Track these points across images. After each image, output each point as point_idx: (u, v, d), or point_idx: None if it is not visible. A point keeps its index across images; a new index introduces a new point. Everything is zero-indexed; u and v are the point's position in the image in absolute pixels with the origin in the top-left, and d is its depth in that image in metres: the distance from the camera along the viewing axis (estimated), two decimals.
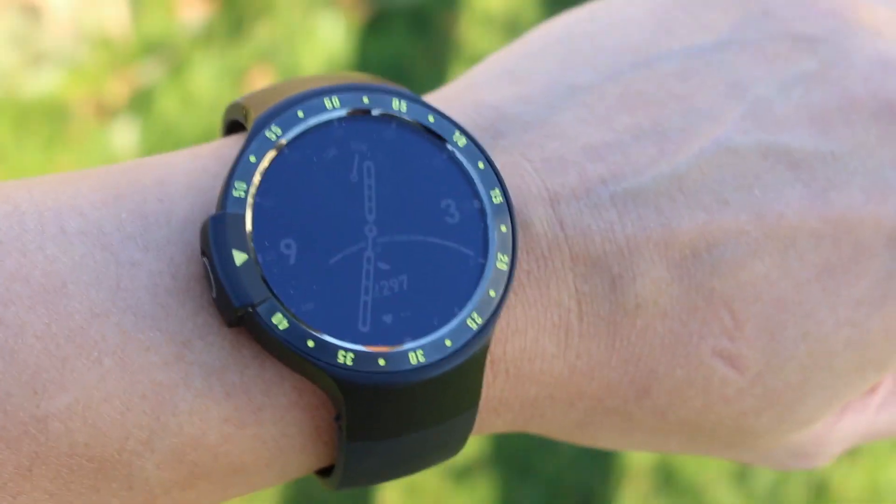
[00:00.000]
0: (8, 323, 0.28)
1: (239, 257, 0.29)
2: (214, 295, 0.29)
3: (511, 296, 0.31)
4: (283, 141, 0.30)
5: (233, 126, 0.34)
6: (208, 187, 0.31)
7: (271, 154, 0.30)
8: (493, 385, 0.32)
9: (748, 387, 0.33)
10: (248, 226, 0.29)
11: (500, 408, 0.33)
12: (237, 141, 0.32)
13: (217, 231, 0.29)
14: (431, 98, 0.35)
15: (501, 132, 0.33)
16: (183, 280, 0.29)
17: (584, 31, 0.35)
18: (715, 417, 0.34)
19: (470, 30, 1.58)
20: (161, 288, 0.29)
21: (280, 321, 0.29)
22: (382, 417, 0.30)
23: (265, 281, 0.29)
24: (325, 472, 0.33)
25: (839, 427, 0.37)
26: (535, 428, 0.35)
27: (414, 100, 0.32)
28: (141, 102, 1.51)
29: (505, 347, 0.32)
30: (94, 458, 0.28)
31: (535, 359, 0.32)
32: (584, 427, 0.35)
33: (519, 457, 1.31)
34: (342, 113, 0.31)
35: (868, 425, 0.38)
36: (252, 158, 0.30)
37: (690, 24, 0.35)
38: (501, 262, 0.31)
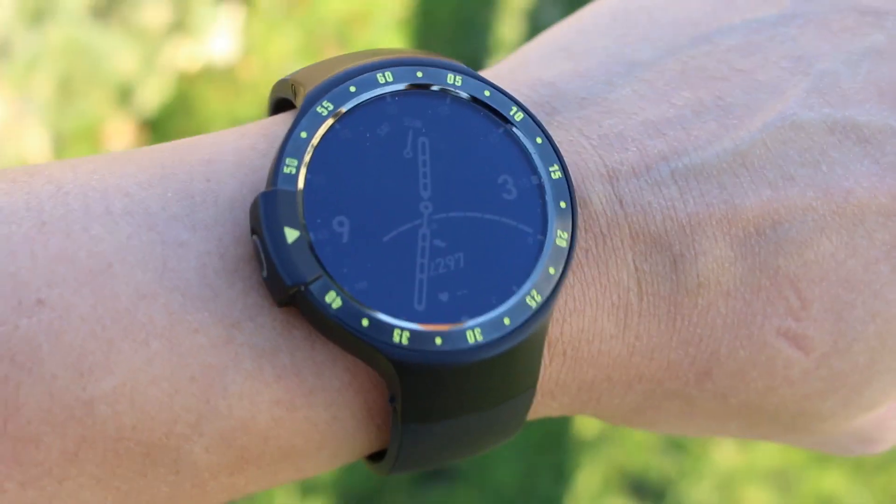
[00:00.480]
0: (53, 304, 0.27)
1: (291, 234, 0.28)
2: (265, 274, 0.28)
3: (569, 275, 0.30)
4: (335, 116, 0.30)
5: (279, 105, 0.33)
6: (257, 166, 0.30)
7: (323, 129, 0.29)
8: (550, 367, 0.31)
9: (814, 368, 0.32)
10: (300, 202, 0.28)
11: (556, 390, 0.32)
12: (286, 119, 0.31)
13: (268, 208, 0.28)
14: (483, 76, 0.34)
15: (557, 109, 0.32)
16: (231, 260, 0.28)
17: (641, 6, 0.35)
18: (778, 400, 0.33)
19: None
20: (209, 268, 0.28)
21: (333, 300, 0.28)
22: (439, 398, 0.29)
23: (318, 259, 0.28)
24: (376, 458, 0.31)
25: None
26: (592, 412, 0.34)
27: (469, 74, 0.31)
28: None
29: (562, 328, 0.31)
30: (142, 441, 0.28)
31: (594, 339, 0.31)
32: (642, 412, 0.34)
33: None
34: (395, 88, 0.30)
35: None
36: (303, 134, 0.29)
37: None
38: (561, 239, 0.30)
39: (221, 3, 1.55)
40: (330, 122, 0.30)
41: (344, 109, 0.30)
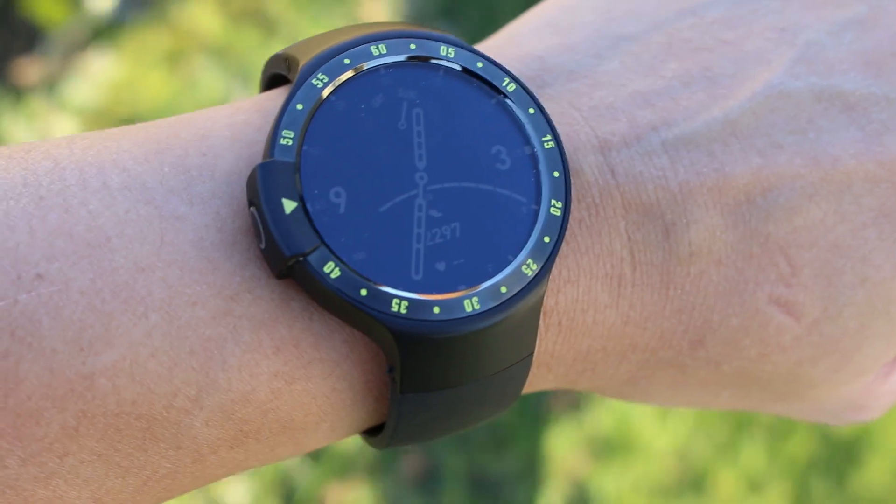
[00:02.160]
0: (52, 279, 0.27)
1: (288, 205, 0.28)
2: (263, 245, 0.28)
3: (563, 244, 0.31)
4: (330, 88, 0.30)
5: (271, 82, 0.33)
6: (252, 140, 0.30)
7: (319, 101, 0.30)
8: (545, 337, 0.31)
9: (805, 334, 0.33)
10: (297, 173, 0.29)
11: (551, 361, 0.32)
12: (280, 94, 0.31)
13: (266, 179, 0.28)
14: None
15: (547, 82, 0.33)
16: (229, 233, 0.29)
17: None
18: (770, 367, 0.34)
19: None
20: (207, 241, 0.28)
21: (332, 270, 0.28)
22: (437, 367, 0.29)
23: (315, 229, 0.28)
24: (374, 432, 0.32)
25: (892, 379, 0.37)
26: (586, 383, 0.34)
27: (462, 46, 0.31)
28: None
29: (557, 298, 0.31)
30: (142, 416, 0.28)
31: (588, 309, 0.31)
32: (636, 382, 0.34)
33: None
34: (389, 60, 0.31)
35: None
36: (299, 106, 0.29)
37: None
38: (555, 208, 0.30)
39: None
40: (326, 93, 0.30)
41: (339, 82, 0.30)
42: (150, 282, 0.27)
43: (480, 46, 0.35)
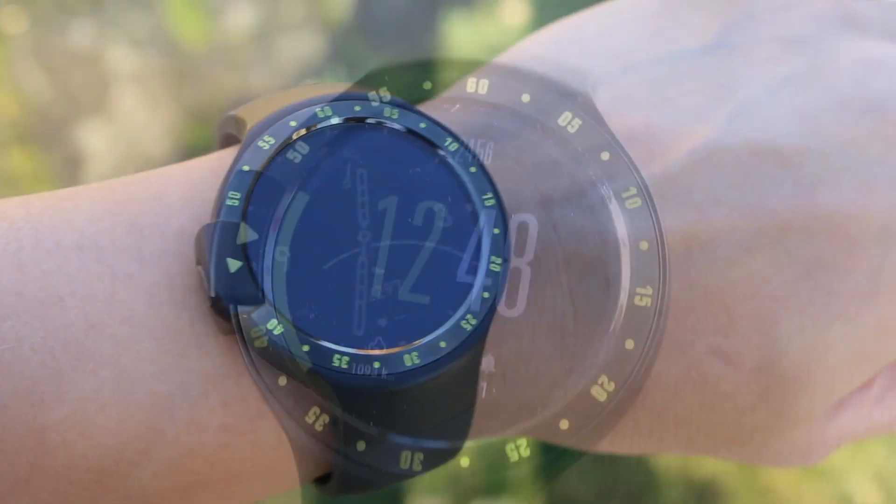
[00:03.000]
0: (5, 337, 0.28)
1: (233, 265, 0.29)
2: (210, 303, 0.29)
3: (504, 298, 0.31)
4: (276, 150, 0.31)
5: (227, 140, 0.34)
6: (203, 199, 0.31)
7: (265, 162, 0.31)
8: (488, 389, 0.32)
9: (744, 383, 0.33)
10: (243, 234, 0.30)
11: (496, 411, 0.33)
12: (231, 153, 0.32)
13: (211, 239, 0.29)
14: (424, 107, 0.35)
15: (494, 138, 0.33)
16: (179, 291, 0.30)
17: (573, 38, 0.36)
18: (712, 416, 0.34)
19: None
20: (157, 299, 0.29)
21: (275, 326, 0.29)
22: (378, 420, 0.30)
23: (259, 287, 0.29)
24: (324, 480, 0.32)
25: (836, 423, 0.37)
26: (532, 434, 0.35)
27: (406, 107, 0.32)
28: None
29: (500, 350, 0.32)
30: (92, 469, 0.28)
31: (532, 361, 0.32)
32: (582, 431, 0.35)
33: None
34: (334, 121, 0.32)
35: (864, 419, 0.38)
36: (246, 168, 0.30)
37: (677, 29, 0.36)
38: (494, 265, 0.31)
39: None
40: (271, 155, 0.31)
41: (285, 143, 0.31)
42: (100, 339, 0.28)
43: (432, 102, 0.36)
